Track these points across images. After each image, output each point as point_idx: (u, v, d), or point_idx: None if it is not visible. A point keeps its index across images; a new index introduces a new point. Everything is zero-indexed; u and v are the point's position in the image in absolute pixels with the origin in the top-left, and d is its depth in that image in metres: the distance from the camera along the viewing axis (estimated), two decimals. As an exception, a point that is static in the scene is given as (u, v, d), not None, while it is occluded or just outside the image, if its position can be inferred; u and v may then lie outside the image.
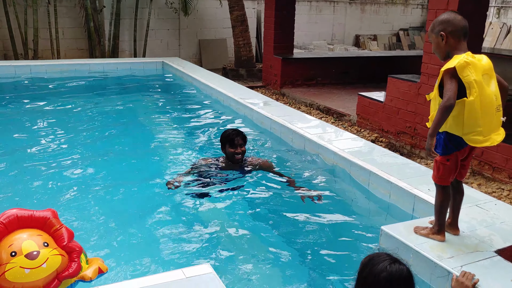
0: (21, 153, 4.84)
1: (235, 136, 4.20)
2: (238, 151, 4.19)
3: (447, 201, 2.77)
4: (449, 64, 2.52)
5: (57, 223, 2.47)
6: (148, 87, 8.52)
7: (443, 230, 2.80)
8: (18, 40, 10.15)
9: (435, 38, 2.63)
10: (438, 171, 2.70)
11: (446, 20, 2.59)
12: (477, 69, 2.50)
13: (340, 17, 14.88)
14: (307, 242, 3.34)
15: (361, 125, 6.87)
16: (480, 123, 2.52)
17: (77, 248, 2.43)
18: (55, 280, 2.37)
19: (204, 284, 2.31)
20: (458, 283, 2.38)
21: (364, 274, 1.88)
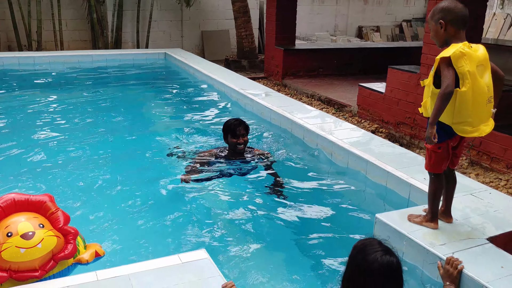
0: (25, 142, 4.91)
1: (237, 126, 4.20)
2: (240, 141, 4.20)
3: (440, 189, 2.81)
4: (445, 52, 2.52)
5: (53, 206, 2.53)
6: (150, 78, 8.56)
7: (436, 218, 2.84)
8: (22, 31, 10.20)
9: (434, 25, 2.61)
10: (430, 159, 2.73)
11: (447, 8, 2.56)
12: (472, 60, 2.51)
13: (343, 8, 14.84)
14: (304, 228, 3.39)
15: (362, 115, 6.89)
16: (470, 114, 2.54)
17: (73, 230, 2.48)
18: (51, 261, 2.42)
19: (199, 269, 2.37)
20: (444, 271, 2.43)
21: (357, 262, 1.90)
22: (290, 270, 2.90)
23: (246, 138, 4.25)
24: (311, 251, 3.14)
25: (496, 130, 4.90)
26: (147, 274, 2.31)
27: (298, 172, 4.27)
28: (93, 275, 2.30)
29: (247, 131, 4.28)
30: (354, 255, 1.93)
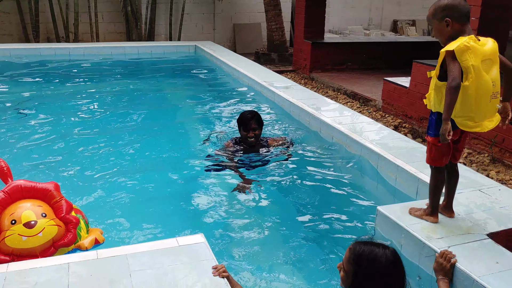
0: (59, 131, 5.15)
1: (249, 119, 4.24)
2: (250, 134, 4.24)
3: (441, 183, 2.80)
4: (449, 46, 2.49)
5: (58, 195, 2.67)
6: (179, 69, 8.76)
7: (436, 211, 2.84)
8: (60, 23, 10.59)
9: (438, 23, 2.56)
10: (430, 152, 2.72)
11: (451, 5, 2.52)
12: (477, 54, 2.48)
13: (378, 1, 14.60)
14: (310, 220, 3.44)
15: (386, 110, 6.83)
16: (473, 109, 2.51)
17: (74, 220, 2.62)
18: (51, 248, 2.58)
19: (194, 252, 2.47)
20: (437, 264, 2.44)
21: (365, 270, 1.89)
22: (288, 263, 2.94)
23: (258, 132, 4.27)
24: (312, 240, 3.19)
25: (519, 127, 4.79)
26: (144, 254, 2.42)
27: (311, 164, 4.31)
28: (93, 253, 2.44)
29: (259, 125, 4.28)
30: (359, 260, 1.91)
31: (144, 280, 2.23)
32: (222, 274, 2.26)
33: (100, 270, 2.31)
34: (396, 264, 1.90)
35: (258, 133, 4.29)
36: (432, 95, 2.68)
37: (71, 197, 3.26)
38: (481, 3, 5.11)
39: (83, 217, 2.85)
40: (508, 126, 4.99)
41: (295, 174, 4.06)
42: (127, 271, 2.30)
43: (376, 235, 3.03)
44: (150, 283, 2.21)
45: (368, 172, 4.04)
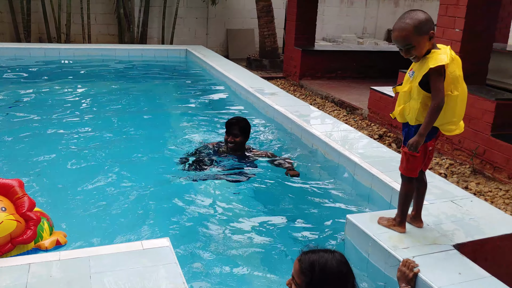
0: (43, 131, 5.14)
1: (233, 124, 4.27)
2: (230, 139, 4.25)
3: (411, 192, 2.80)
4: (436, 61, 2.46)
5: (21, 192, 2.65)
6: (169, 73, 8.77)
7: (404, 221, 2.84)
8: (52, 24, 10.59)
9: (421, 38, 2.48)
10: (407, 163, 2.71)
11: (428, 18, 2.52)
12: (459, 65, 2.55)
13: (372, 11, 14.69)
14: (282, 224, 3.44)
15: (372, 119, 6.85)
16: (456, 114, 2.58)
17: (35, 217, 2.59)
18: (9, 244, 2.53)
19: (158, 255, 2.46)
20: (400, 273, 2.44)
21: (318, 276, 1.91)
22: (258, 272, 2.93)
23: (238, 139, 4.25)
24: (285, 250, 3.18)
25: (500, 139, 4.83)
26: (107, 257, 2.41)
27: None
28: (56, 255, 2.42)
29: (242, 133, 4.26)
30: (311, 269, 1.92)
31: (103, 282, 2.22)
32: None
33: (60, 272, 2.29)
34: (347, 264, 1.96)
35: (238, 140, 4.27)
36: (411, 108, 2.62)
37: (41, 198, 3.26)
38: (465, 15, 5.14)
39: (48, 219, 2.83)
40: (489, 138, 5.04)
41: (272, 179, 4.07)
42: (87, 273, 2.29)
43: (346, 243, 3.03)
44: (108, 285, 2.19)
45: (345, 180, 4.04)
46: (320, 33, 13.89)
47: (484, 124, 4.99)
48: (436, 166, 5.33)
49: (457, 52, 5.14)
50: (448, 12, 5.38)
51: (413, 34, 2.47)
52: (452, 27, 5.33)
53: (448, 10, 5.39)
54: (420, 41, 2.48)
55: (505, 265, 2.91)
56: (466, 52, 5.24)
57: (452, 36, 5.32)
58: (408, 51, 2.54)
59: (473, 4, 5.11)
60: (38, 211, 2.79)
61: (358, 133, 4.75)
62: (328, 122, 5.07)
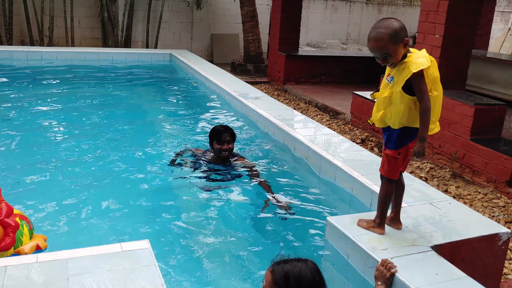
0: (25, 134, 5.08)
1: (223, 132, 4.16)
2: (224, 147, 4.14)
3: (391, 194, 2.84)
4: (417, 66, 2.49)
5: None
6: (153, 77, 8.74)
7: (383, 223, 2.87)
8: (34, 27, 10.50)
9: (396, 46, 2.52)
10: (389, 164, 2.74)
11: (402, 26, 2.57)
12: (435, 65, 2.61)
13: (356, 17, 14.85)
14: (263, 227, 3.45)
15: (354, 123, 6.91)
16: (435, 114, 2.64)
17: (13, 223, 2.56)
18: None
19: (137, 257, 2.45)
20: (378, 272, 2.47)
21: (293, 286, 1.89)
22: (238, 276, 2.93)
23: (232, 146, 4.20)
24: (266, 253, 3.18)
25: (479, 143, 4.91)
26: (85, 259, 2.39)
27: (273, 172, 4.33)
28: (33, 257, 2.40)
29: (233, 138, 4.22)
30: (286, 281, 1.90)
31: (82, 284, 2.20)
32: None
33: (37, 274, 2.27)
34: (319, 272, 1.95)
35: (232, 147, 4.21)
36: (393, 113, 2.64)
37: (21, 201, 3.22)
38: (445, 21, 5.23)
39: (28, 223, 2.79)
40: (468, 142, 5.12)
41: (254, 182, 4.07)
42: (65, 275, 2.27)
43: (326, 245, 3.05)
44: (86, 287, 2.18)
45: (326, 183, 4.07)
46: (305, 39, 14.00)
47: (464, 129, 5.07)
48: (417, 170, 5.39)
49: (437, 57, 5.26)
50: (428, 18, 5.47)
51: (389, 43, 2.50)
52: (432, 33, 5.42)
53: (429, 16, 5.47)
54: (396, 49, 2.52)
55: (481, 266, 2.95)
56: (446, 57, 5.34)
57: (433, 42, 5.40)
58: (385, 59, 2.58)
59: (453, 11, 5.21)
60: (18, 213, 2.76)
61: (340, 137, 4.78)
62: (311, 126, 5.10)
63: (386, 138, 2.77)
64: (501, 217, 4.21)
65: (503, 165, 4.65)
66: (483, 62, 8.34)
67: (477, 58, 8.20)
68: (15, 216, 2.69)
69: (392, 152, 2.72)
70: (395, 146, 2.71)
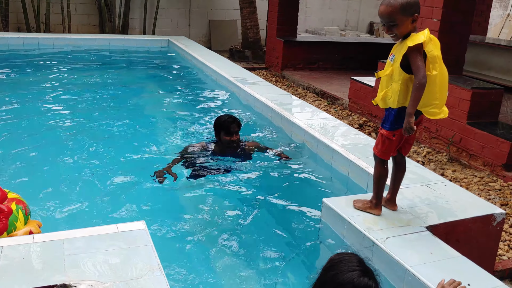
0: (21, 121, 5.06)
1: (231, 123, 4.04)
2: (233, 138, 4.04)
3: (385, 175, 2.85)
4: (414, 40, 2.50)
5: None
6: (151, 64, 8.69)
7: (379, 204, 2.88)
8: (30, 13, 10.41)
9: (405, 19, 2.53)
10: (382, 145, 2.74)
11: (416, 1, 2.57)
12: (437, 45, 2.58)
13: (355, 4, 14.75)
14: (259, 211, 3.46)
15: (352, 109, 6.91)
16: (438, 97, 2.60)
17: (6, 209, 2.56)
18: None
19: (133, 238, 2.46)
20: None
21: (329, 277, 1.69)
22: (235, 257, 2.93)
23: (239, 136, 4.12)
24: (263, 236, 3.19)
25: (476, 127, 4.91)
26: (81, 239, 2.40)
27: (270, 158, 4.33)
28: (30, 237, 2.41)
29: (239, 128, 4.13)
30: (327, 268, 1.73)
31: (77, 264, 2.21)
32: None
33: (33, 254, 2.28)
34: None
35: (239, 136, 4.14)
36: (390, 93, 2.66)
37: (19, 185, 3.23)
38: (443, 5, 5.20)
39: (24, 208, 2.79)
40: (465, 126, 5.12)
41: (251, 168, 4.08)
42: (61, 255, 2.28)
43: (322, 227, 3.07)
44: (82, 267, 2.19)
45: (323, 165, 4.08)
46: (303, 25, 13.92)
47: (460, 113, 5.07)
48: (414, 154, 5.40)
49: (434, 41, 5.22)
50: (426, 2, 5.44)
51: (398, 12, 2.52)
52: (430, 17, 5.39)
53: (426, 0, 5.44)
54: (404, 21, 2.53)
55: (476, 246, 2.97)
56: (443, 41, 5.24)
57: (430, 26, 5.37)
58: (390, 28, 2.58)
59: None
60: (16, 198, 2.75)
61: (336, 121, 4.79)
62: (308, 111, 5.10)
63: (384, 118, 2.77)
64: (497, 200, 4.23)
65: (499, 148, 4.65)
66: (482, 48, 8.31)
67: (476, 44, 8.17)
68: (11, 201, 2.68)
69: (388, 133, 2.72)
70: (390, 126, 2.71)
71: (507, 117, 6.01)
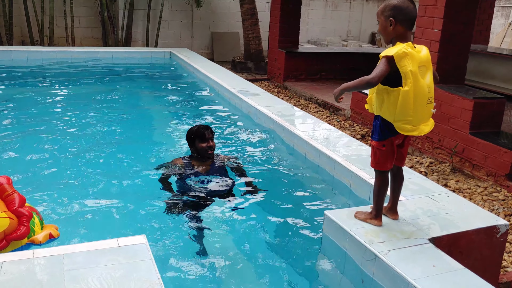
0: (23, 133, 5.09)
1: (205, 130, 4.00)
2: (210, 144, 4.00)
3: (385, 186, 2.83)
4: (388, 51, 2.53)
5: (10, 188, 2.64)
6: (153, 75, 8.74)
7: (380, 215, 2.86)
8: (34, 27, 10.52)
9: (383, 21, 2.61)
10: (375, 156, 2.76)
11: (399, 6, 2.57)
12: (414, 60, 2.54)
13: (357, 14, 14.81)
14: (260, 224, 3.44)
15: (354, 119, 6.90)
16: (411, 113, 2.57)
17: (27, 213, 2.58)
18: (3, 241, 2.53)
19: (133, 252, 2.45)
20: None
21: None
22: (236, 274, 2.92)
23: (214, 142, 4.07)
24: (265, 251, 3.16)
25: (478, 137, 4.90)
26: (81, 254, 2.39)
27: (272, 169, 4.33)
28: (30, 253, 2.40)
29: (213, 134, 4.07)
30: None
31: (77, 279, 2.20)
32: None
33: (33, 269, 2.27)
34: None
35: (214, 143, 4.08)
36: (373, 99, 2.74)
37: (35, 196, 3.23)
38: (443, 16, 5.21)
39: (37, 214, 2.82)
40: (467, 136, 5.10)
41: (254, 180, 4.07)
42: (61, 270, 2.27)
43: (324, 239, 3.05)
44: (82, 282, 2.18)
45: (325, 177, 4.06)
46: (305, 36, 13.98)
47: (463, 123, 5.05)
48: (417, 164, 5.38)
49: (436, 52, 5.24)
50: (427, 12, 5.46)
51: (380, 13, 2.65)
52: (431, 27, 5.40)
53: (427, 10, 5.46)
54: (382, 22, 2.63)
55: (480, 258, 2.94)
56: (444, 51, 5.32)
57: (431, 36, 5.39)
58: (378, 28, 2.72)
59: (451, 5, 5.19)
60: (27, 206, 2.77)
61: (338, 132, 4.78)
62: (310, 122, 5.10)
63: (373, 129, 2.80)
64: (501, 210, 4.20)
65: (502, 158, 4.63)
66: (484, 57, 8.31)
67: (478, 53, 8.17)
68: (24, 204, 2.71)
69: (377, 143, 2.73)
70: (378, 137, 2.72)
71: (510, 126, 5.98)
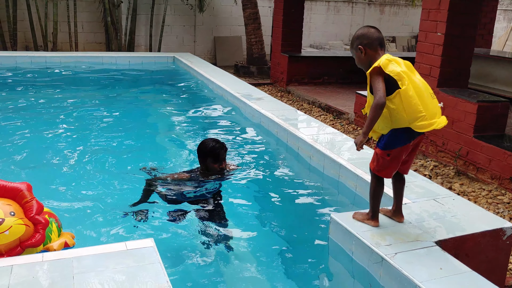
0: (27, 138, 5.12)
1: (220, 149, 3.78)
2: (223, 166, 3.84)
3: (380, 187, 2.85)
4: (372, 66, 2.61)
5: (29, 195, 2.64)
6: (156, 81, 8.77)
7: (377, 216, 2.88)
8: (38, 32, 10.57)
9: (355, 52, 2.76)
10: (377, 163, 2.78)
11: (361, 34, 2.74)
12: (400, 64, 2.65)
13: (358, 18, 14.85)
14: (267, 228, 3.46)
15: (358, 123, 6.91)
16: (421, 108, 2.59)
17: (43, 220, 2.59)
18: (18, 247, 2.54)
19: (141, 256, 2.46)
20: None
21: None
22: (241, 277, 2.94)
23: (226, 162, 3.96)
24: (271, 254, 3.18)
25: (482, 140, 4.90)
26: (89, 258, 2.41)
27: (277, 173, 4.34)
28: (39, 256, 2.42)
29: (226, 153, 3.93)
30: None
31: (87, 283, 2.21)
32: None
33: (43, 273, 2.29)
34: None
35: (226, 163, 4.00)
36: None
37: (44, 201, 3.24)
38: (446, 19, 5.23)
39: (56, 220, 2.82)
40: (471, 139, 5.11)
41: (259, 183, 4.09)
42: (70, 273, 2.29)
43: (330, 242, 3.06)
44: (92, 285, 2.19)
45: (330, 181, 4.07)
46: (307, 40, 14.02)
47: (467, 126, 5.07)
48: (421, 168, 5.39)
49: (439, 55, 5.26)
50: (430, 16, 5.48)
51: (351, 48, 2.84)
52: (434, 31, 5.42)
53: (430, 14, 5.48)
54: (355, 54, 2.78)
55: (486, 261, 2.95)
56: (448, 55, 5.34)
57: (434, 40, 5.41)
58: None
59: (454, 9, 5.21)
60: (47, 211, 2.79)
61: (343, 135, 4.79)
62: (314, 126, 5.11)
63: (380, 136, 2.81)
64: (506, 213, 4.21)
65: (506, 161, 4.63)
66: (486, 60, 8.33)
67: (480, 57, 8.19)
68: (44, 214, 2.72)
69: (381, 152, 2.75)
70: (384, 146, 2.74)
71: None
